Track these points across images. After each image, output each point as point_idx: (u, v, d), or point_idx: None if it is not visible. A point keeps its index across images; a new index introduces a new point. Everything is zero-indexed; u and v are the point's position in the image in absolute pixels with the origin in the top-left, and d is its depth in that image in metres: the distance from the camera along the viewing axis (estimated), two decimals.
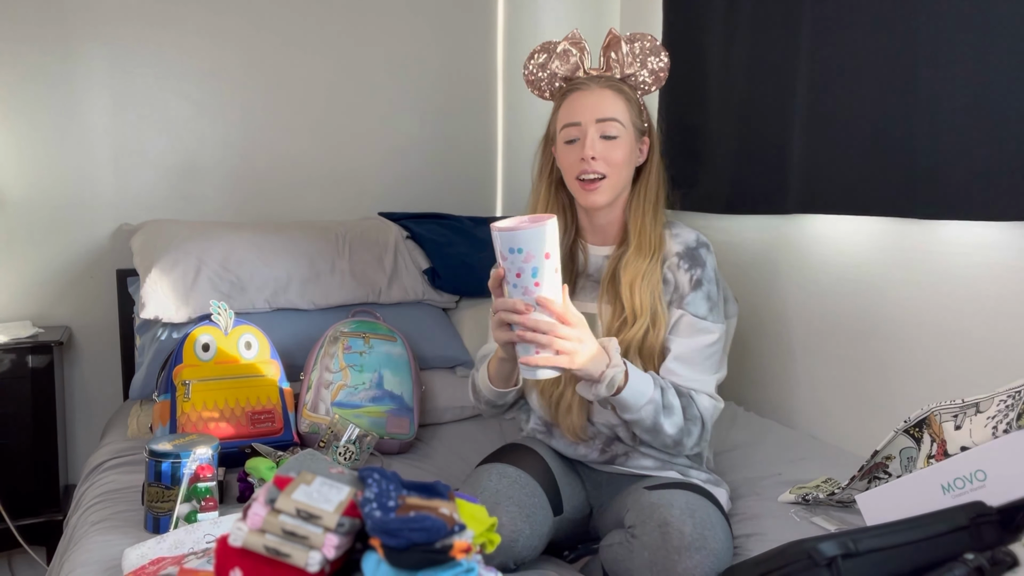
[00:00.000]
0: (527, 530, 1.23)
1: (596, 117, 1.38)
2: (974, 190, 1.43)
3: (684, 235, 1.44)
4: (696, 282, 1.40)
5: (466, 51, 2.60)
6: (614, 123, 1.38)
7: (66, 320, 2.26)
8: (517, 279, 1.15)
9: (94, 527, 1.35)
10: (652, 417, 1.29)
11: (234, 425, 1.62)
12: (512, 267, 1.15)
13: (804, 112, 1.78)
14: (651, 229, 1.42)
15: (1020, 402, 1.10)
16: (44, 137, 2.19)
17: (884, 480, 1.33)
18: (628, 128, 1.40)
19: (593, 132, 1.37)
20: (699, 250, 1.42)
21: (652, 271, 1.39)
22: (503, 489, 1.26)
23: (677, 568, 1.14)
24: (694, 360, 1.38)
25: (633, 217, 1.43)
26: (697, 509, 1.21)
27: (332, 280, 2.08)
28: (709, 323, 1.39)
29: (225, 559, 0.78)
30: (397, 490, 0.80)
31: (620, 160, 1.38)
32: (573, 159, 1.39)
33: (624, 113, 1.40)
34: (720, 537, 1.19)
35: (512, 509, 1.23)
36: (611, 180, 1.38)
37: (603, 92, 1.40)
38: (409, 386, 1.85)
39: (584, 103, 1.39)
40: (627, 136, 1.39)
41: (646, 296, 1.38)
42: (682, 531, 1.16)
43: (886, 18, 1.58)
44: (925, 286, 1.63)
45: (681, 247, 1.42)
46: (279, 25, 2.38)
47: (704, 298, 1.40)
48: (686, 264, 1.41)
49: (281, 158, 2.42)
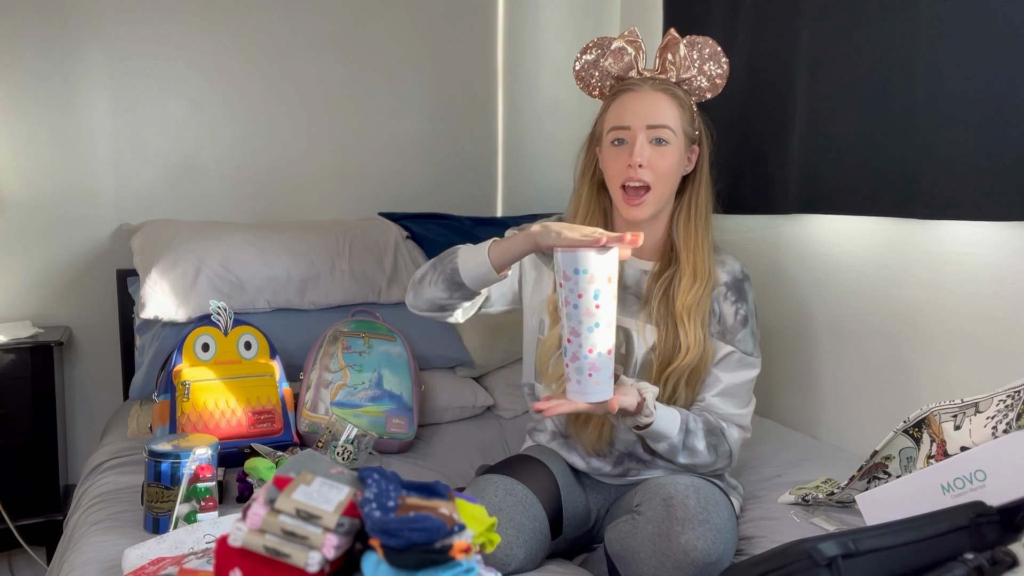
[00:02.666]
0: (521, 555, 1.22)
1: (647, 123, 1.33)
2: (974, 190, 1.43)
3: (730, 264, 1.42)
4: (743, 319, 1.39)
5: (466, 51, 2.60)
6: (665, 130, 1.33)
7: (66, 320, 2.26)
8: (579, 300, 1.13)
9: (94, 527, 1.35)
10: (668, 453, 1.33)
11: (234, 425, 1.62)
12: (575, 288, 1.13)
13: (804, 112, 1.78)
14: (704, 252, 1.38)
15: (1020, 402, 1.10)
16: (44, 137, 2.19)
17: (883, 480, 1.33)
18: (679, 136, 1.35)
19: (643, 137, 1.32)
20: (744, 283, 1.41)
21: (705, 300, 1.36)
22: (506, 508, 1.24)
23: (680, 539, 1.14)
24: (738, 395, 1.39)
25: (684, 235, 1.39)
26: (702, 488, 1.22)
27: (332, 280, 2.08)
28: (755, 359, 1.40)
29: (225, 559, 0.78)
30: (397, 490, 0.80)
31: (668, 169, 1.34)
32: (620, 164, 1.34)
33: (676, 119, 1.35)
34: (724, 515, 1.19)
35: (510, 532, 1.22)
36: (656, 192, 1.34)
37: (656, 96, 1.35)
38: (408, 386, 1.85)
39: (636, 106, 1.34)
40: (677, 144, 1.35)
41: (698, 323, 1.35)
42: (686, 504, 1.16)
43: (886, 18, 1.58)
44: (925, 286, 1.63)
45: (729, 277, 1.40)
46: (279, 25, 2.38)
47: (751, 335, 1.40)
48: (732, 296, 1.39)
49: (281, 158, 2.42)
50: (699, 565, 1.13)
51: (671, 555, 1.14)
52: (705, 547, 1.13)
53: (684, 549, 1.13)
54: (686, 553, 1.13)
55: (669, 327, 1.37)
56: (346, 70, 2.46)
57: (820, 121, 1.74)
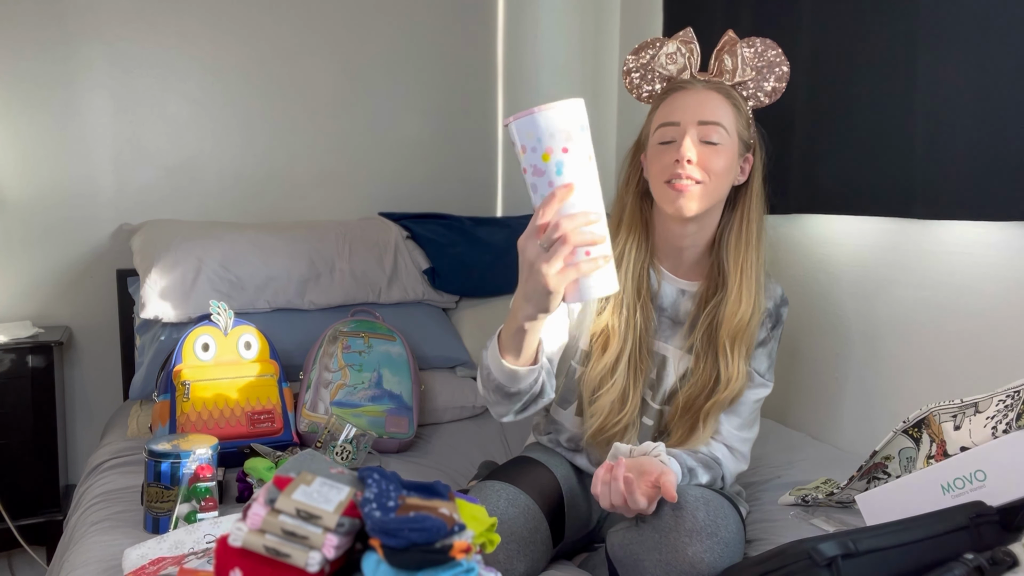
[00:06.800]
0: (522, 567, 1.19)
1: (699, 119, 1.22)
2: (974, 190, 1.43)
3: (772, 288, 1.35)
4: (765, 339, 1.33)
5: (466, 51, 2.60)
6: (718, 128, 1.22)
7: (66, 320, 2.26)
8: (538, 179, 0.94)
9: (94, 527, 1.35)
10: None
11: (233, 425, 1.62)
12: (530, 163, 0.94)
13: (804, 112, 1.78)
14: (756, 274, 1.27)
15: (1019, 402, 1.10)
16: (44, 137, 2.19)
17: (883, 480, 1.33)
18: (732, 137, 1.24)
19: (693, 133, 1.22)
20: (782, 308, 1.36)
21: (753, 328, 1.27)
22: (508, 520, 1.20)
23: (687, 551, 1.10)
24: (742, 414, 1.34)
25: (735, 254, 1.28)
26: (711, 500, 1.17)
27: (332, 280, 2.09)
28: (763, 380, 1.35)
29: (225, 559, 0.78)
30: (397, 490, 0.80)
31: (720, 169, 1.22)
32: (666, 161, 1.23)
33: (731, 119, 1.24)
34: (732, 529, 1.15)
35: (511, 546, 1.19)
36: (707, 188, 1.22)
37: (710, 94, 1.25)
38: (408, 385, 1.85)
39: (686, 102, 1.24)
40: (730, 145, 1.24)
41: (742, 352, 1.27)
42: (695, 516, 1.12)
43: (886, 17, 1.58)
44: (925, 286, 1.63)
45: (771, 303, 1.34)
46: (279, 25, 2.38)
47: (767, 355, 1.35)
48: (770, 323, 1.34)
49: (281, 158, 2.42)
50: None
51: (677, 566, 1.11)
52: (712, 561, 1.10)
53: (691, 561, 1.10)
54: (692, 566, 1.10)
55: (709, 358, 1.30)
56: (346, 70, 2.47)
57: (820, 121, 1.74)
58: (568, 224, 0.94)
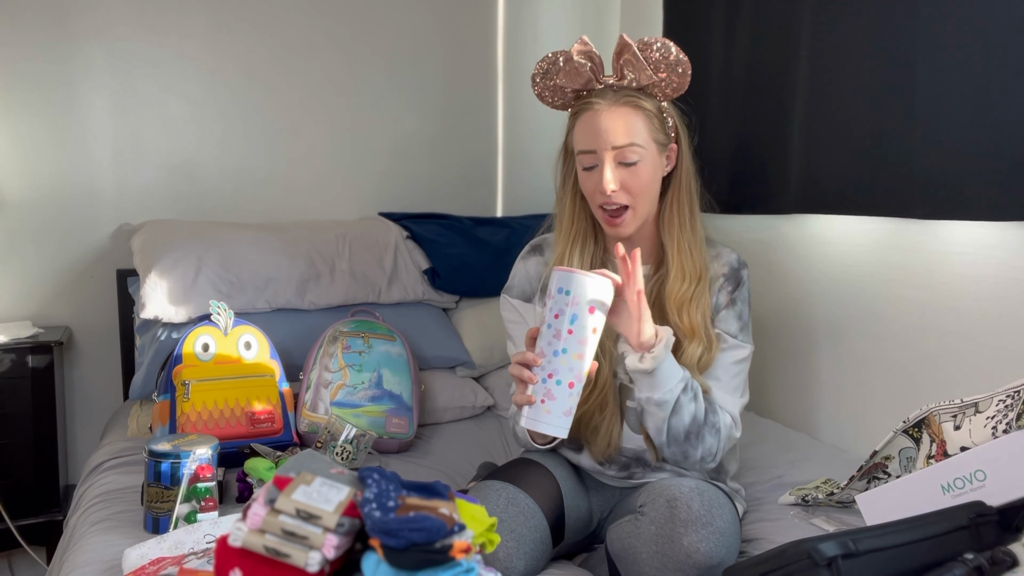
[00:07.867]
0: (521, 566, 1.20)
1: (612, 144, 1.28)
2: (974, 190, 1.43)
3: (726, 256, 1.39)
4: (730, 301, 1.37)
5: (466, 51, 2.60)
6: (633, 149, 1.28)
7: (66, 320, 2.26)
8: (554, 320, 1.10)
9: (94, 527, 1.35)
10: (659, 408, 1.25)
11: (234, 425, 1.62)
12: (554, 307, 1.10)
13: (803, 112, 1.78)
14: (691, 249, 1.34)
15: (1019, 402, 1.10)
16: (44, 137, 2.19)
17: (883, 480, 1.33)
18: (649, 148, 1.30)
19: (610, 160, 1.28)
20: (741, 271, 1.39)
21: (701, 294, 1.33)
22: (508, 519, 1.22)
23: (683, 541, 1.12)
24: (720, 376, 1.35)
25: (668, 234, 1.36)
26: (706, 491, 1.20)
27: (332, 280, 2.09)
28: (739, 341, 1.36)
29: (225, 559, 0.78)
30: (397, 490, 0.80)
31: (643, 186, 1.30)
32: (592, 188, 1.31)
33: (643, 133, 1.29)
34: (727, 519, 1.18)
35: (510, 544, 1.20)
36: (635, 210, 1.31)
37: (618, 112, 1.29)
38: (408, 385, 1.85)
39: (598, 127, 1.28)
40: (649, 156, 1.30)
41: (696, 317, 1.32)
42: (690, 506, 1.15)
43: (886, 18, 1.58)
44: (924, 286, 1.63)
45: (726, 268, 1.38)
46: (279, 26, 2.38)
47: (736, 317, 1.37)
48: (729, 286, 1.37)
49: (281, 158, 2.42)
50: (701, 568, 1.13)
51: (673, 557, 1.13)
52: (708, 550, 1.12)
53: (687, 551, 1.12)
54: (688, 555, 1.12)
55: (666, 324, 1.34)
56: (346, 70, 2.47)
57: (820, 121, 1.74)
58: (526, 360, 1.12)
